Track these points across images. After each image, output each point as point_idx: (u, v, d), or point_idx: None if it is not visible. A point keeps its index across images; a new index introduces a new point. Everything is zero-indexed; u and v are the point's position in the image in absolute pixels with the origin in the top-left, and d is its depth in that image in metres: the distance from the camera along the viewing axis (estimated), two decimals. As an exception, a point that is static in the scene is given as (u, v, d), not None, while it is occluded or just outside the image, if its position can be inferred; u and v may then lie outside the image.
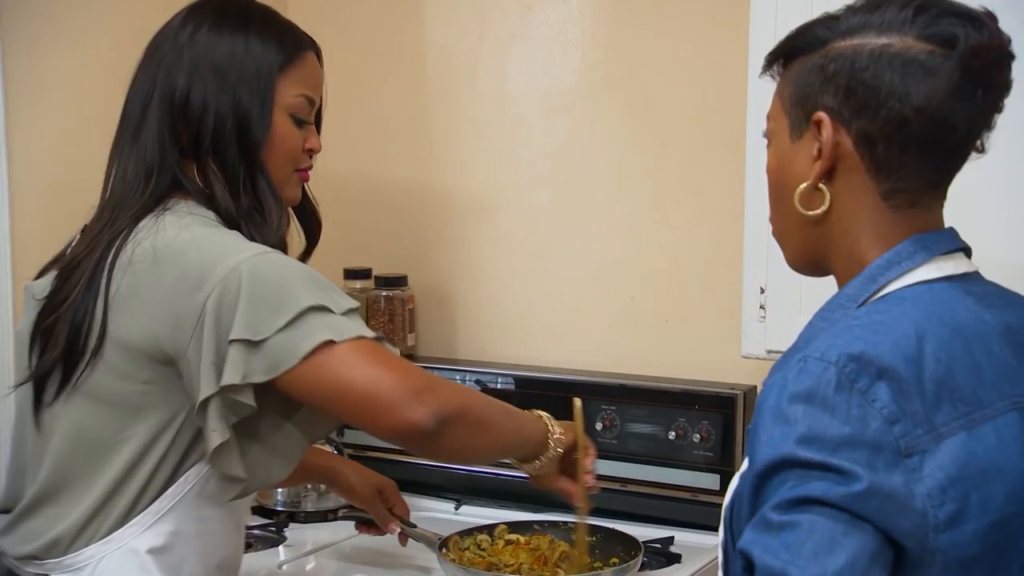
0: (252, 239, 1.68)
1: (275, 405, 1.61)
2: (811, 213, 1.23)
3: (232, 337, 1.53)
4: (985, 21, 1.18)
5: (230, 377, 1.53)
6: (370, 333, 1.60)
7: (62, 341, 1.66)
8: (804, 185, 1.23)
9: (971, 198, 1.58)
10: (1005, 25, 1.23)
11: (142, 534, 1.66)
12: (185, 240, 1.62)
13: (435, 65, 2.76)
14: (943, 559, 1.06)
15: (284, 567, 2.25)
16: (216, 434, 1.56)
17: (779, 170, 1.28)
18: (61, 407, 1.68)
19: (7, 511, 1.77)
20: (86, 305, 1.64)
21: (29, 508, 1.72)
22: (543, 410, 2.42)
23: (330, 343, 1.54)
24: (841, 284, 1.25)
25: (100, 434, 1.65)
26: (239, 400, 1.55)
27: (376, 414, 1.58)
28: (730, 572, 1.21)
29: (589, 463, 1.89)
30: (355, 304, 1.62)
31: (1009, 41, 1.19)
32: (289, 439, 1.67)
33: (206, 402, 1.56)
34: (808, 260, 1.31)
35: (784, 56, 1.27)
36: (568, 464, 1.87)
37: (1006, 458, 1.12)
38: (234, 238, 1.64)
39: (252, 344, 1.54)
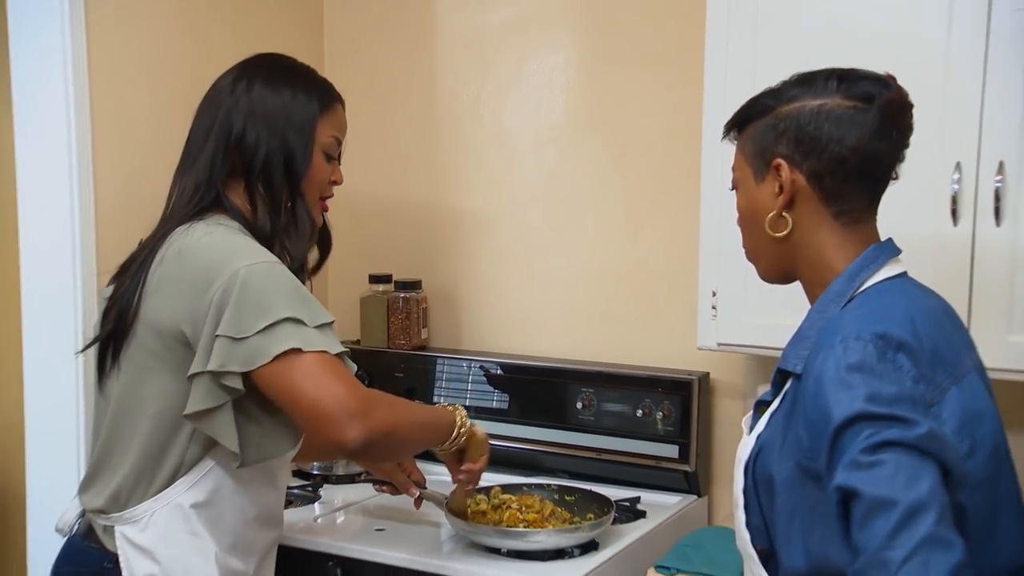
0: (284, 250, 1.71)
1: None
2: (778, 235, 1.34)
3: (218, 332, 1.56)
4: (890, 82, 1.31)
5: (212, 364, 1.56)
6: (336, 348, 1.60)
7: (111, 320, 1.69)
8: (772, 214, 1.33)
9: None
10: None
11: (186, 492, 1.67)
12: (205, 243, 1.64)
13: (445, 106, 2.76)
14: (970, 481, 1.16)
15: (319, 520, 2.25)
16: (193, 403, 1.59)
17: (749, 206, 1.38)
18: (114, 379, 1.71)
19: None
20: (129, 294, 1.68)
21: (95, 467, 1.74)
22: (531, 392, 2.46)
23: (296, 351, 1.55)
24: (809, 286, 1.36)
25: (139, 403, 1.67)
26: (227, 384, 1.57)
27: (314, 425, 1.58)
28: (751, 512, 1.30)
29: (475, 466, 1.96)
30: (329, 319, 1.61)
31: (908, 95, 1.31)
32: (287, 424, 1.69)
33: (192, 377, 1.59)
34: (778, 272, 1.40)
35: (740, 123, 1.38)
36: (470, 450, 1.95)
37: (983, 404, 1.24)
38: (244, 244, 1.66)
39: (234, 340, 1.55)
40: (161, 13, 2.35)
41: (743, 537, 1.31)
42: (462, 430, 1.86)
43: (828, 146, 1.28)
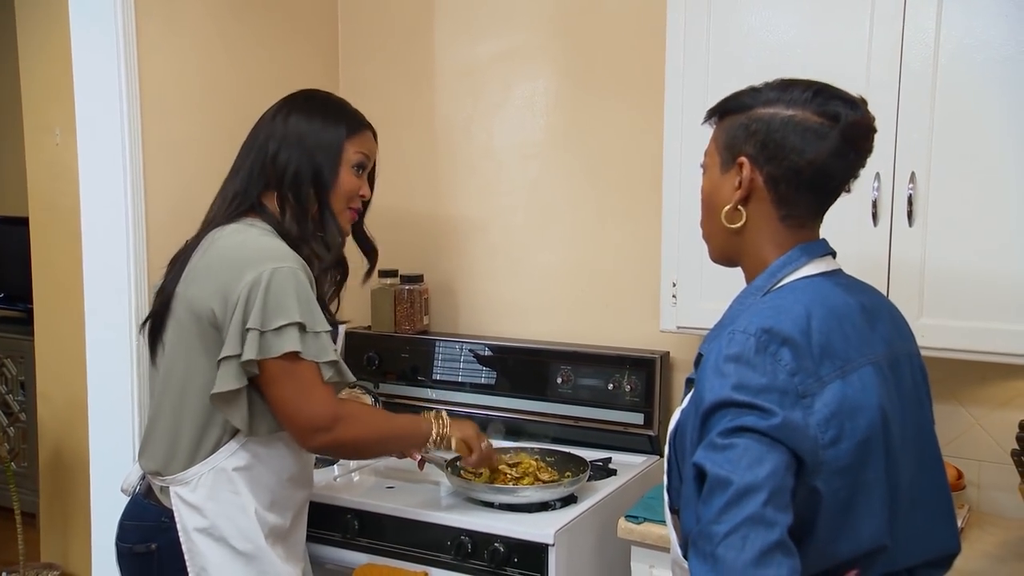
0: (312, 252, 1.73)
1: None
2: (732, 226, 1.27)
3: (249, 326, 1.59)
4: (860, 104, 1.23)
5: (246, 353, 1.59)
6: (326, 356, 1.64)
7: (158, 304, 1.73)
8: (728, 206, 1.26)
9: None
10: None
11: (229, 457, 1.69)
12: (238, 240, 1.68)
13: (442, 127, 2.76)
14: (827, 468, 1.11)
15: (338, 479, 2.26)
16: (220, 383, 1.61)
17: (710, 192, 1.31)
18: (162, 355, 1.73)
19: None
20: (172, 283, 1.72)
21: (149, 432, 1.76)
22: (517, 369, 2.42)
23: (295, 354, 1.60)
24: (748, 277, 1.29)
25: (183, 378, 1.69)
26: (248, 369, 1.61)
27: (287, 426, 1.66)
28: (671, 476, 1.26)
29: (468, 461, 1.97)
30: (327, 328, 1.66)
31: (874, 119, 1.24)
32: None
33: (220, 361, 1.61)
34: (724, 257, 1.33)
35: (720, 113, 1.30)
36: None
37: (866, 398, 1.16)
38: (272, 245, 1.68)
39: (260, 332, 1.59)
40: (202, 56, 2.36)
41: (665, 498, 1.29)
42: (439, 440, 1.87)
43: (789, 155, 1.20)
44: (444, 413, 1.92)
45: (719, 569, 1.01)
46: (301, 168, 1.74)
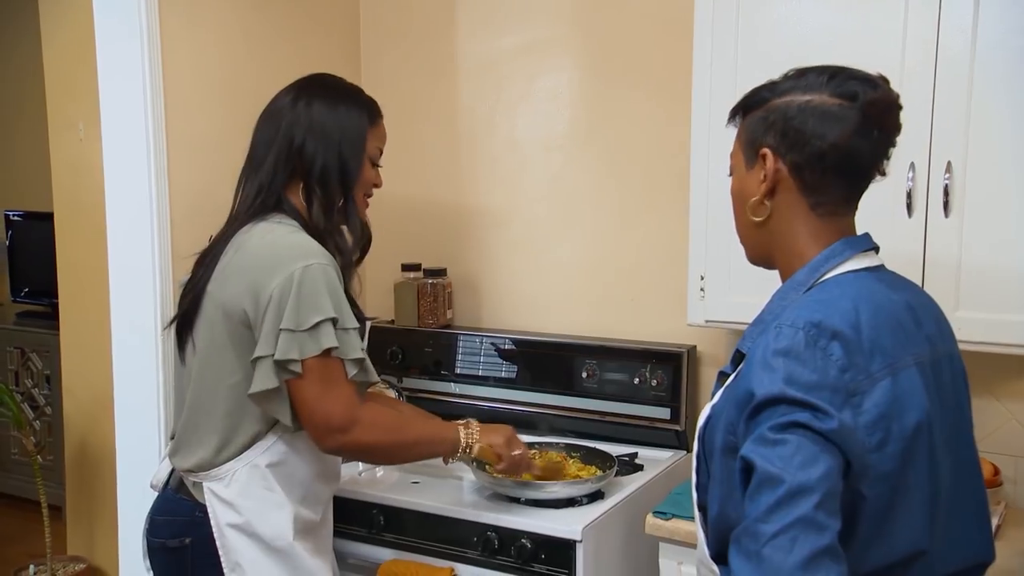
0: (336, 246, 1.71)
1: None
2: (757, 219, 1.24)
3: (283, 326, 1.57)
4: (878, 82, 1.20)
5: (278, 354, 1.58)
6: (355, 354, 1.62)
7: (187, 303, 1.71)
8: (753, 199, 1.24)
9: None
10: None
11: (263, 454, 1.69)
12: (268, 240, 1.66)
13: (465, 120, 2.75)
14: (872, 473, 1.07)
15: (362, 474, 2.25)
16: (257, 383, 1.60)
17: (739, 191, 1.29)
18: (192, 354, 1.72)
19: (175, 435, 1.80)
20: (202, 282, 1.70)
21: (183, 434, 1.75)
22: (542, 363, 2.39)
23: (330, 351, 1.59)
24: (784, 273, 1.26)
25: (215, 377, 1.68)
26: (290, 368, 1.59)
27: (303, 424, 1.64)
28: (700, 473, 1.23)
29: (496, 468, 1.93)
30: (355, 325, 1.64)
31: (897, 96, 1.20)
32: None
33: (255, 360, 1.60)
34: (759, 256, 1.31)
35: (742, 111, 1.28)
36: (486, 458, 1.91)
37: (913, 399, 1.12)
38: (300, 243, 1.66)
39: (294, 332, 1.58)
40: (224, 50, 2.35)
41: (693, 495, 1.26)
42: (467, 450, 1.84)
43: (811, 140, 1.17)
44: (474, 422, 1.88)
45: (763, 569, 0.97)
46: (328, 162, 1.72)
